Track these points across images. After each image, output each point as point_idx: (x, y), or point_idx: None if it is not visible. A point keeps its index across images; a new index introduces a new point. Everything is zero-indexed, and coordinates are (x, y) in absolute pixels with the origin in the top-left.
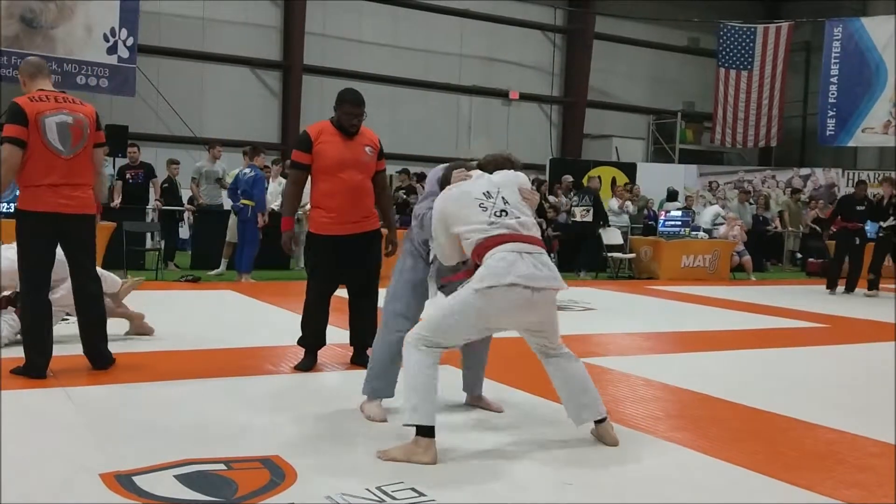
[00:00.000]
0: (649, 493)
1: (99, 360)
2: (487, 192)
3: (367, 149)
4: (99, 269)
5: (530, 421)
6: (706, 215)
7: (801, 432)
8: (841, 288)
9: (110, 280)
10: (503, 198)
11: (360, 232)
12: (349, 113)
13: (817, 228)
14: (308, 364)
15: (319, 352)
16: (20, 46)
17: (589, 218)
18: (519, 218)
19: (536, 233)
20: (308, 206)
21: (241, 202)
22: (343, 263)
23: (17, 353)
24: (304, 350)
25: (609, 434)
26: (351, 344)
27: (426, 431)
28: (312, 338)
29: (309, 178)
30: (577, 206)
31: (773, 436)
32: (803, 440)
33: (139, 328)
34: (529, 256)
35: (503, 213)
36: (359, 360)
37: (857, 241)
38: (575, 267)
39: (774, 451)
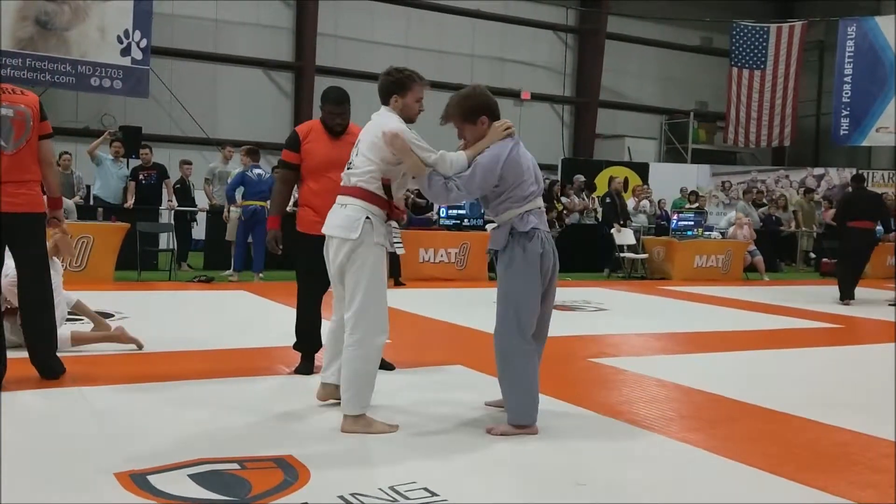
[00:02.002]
0: (663, 494)
1: (47, 371)
2: (358, 141)
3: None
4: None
5: (540, 421)
6: (723, 221)
7: (815, 433)
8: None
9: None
10: (357, 150)
11: None
12: (332, 112)
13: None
14: (306, 369)
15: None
16: (35, 48)
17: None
18: (358, 169)
19: (364, 183)
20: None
21: (254, 203)
22: None
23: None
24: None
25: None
26: None
27: None
28: (306, 341)
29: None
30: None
31: (787, 436)
32: (817, 441)
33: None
34: (339, 208)
35: (350, 167)
36: None
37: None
38: (589, 267)
39: (788, 452)
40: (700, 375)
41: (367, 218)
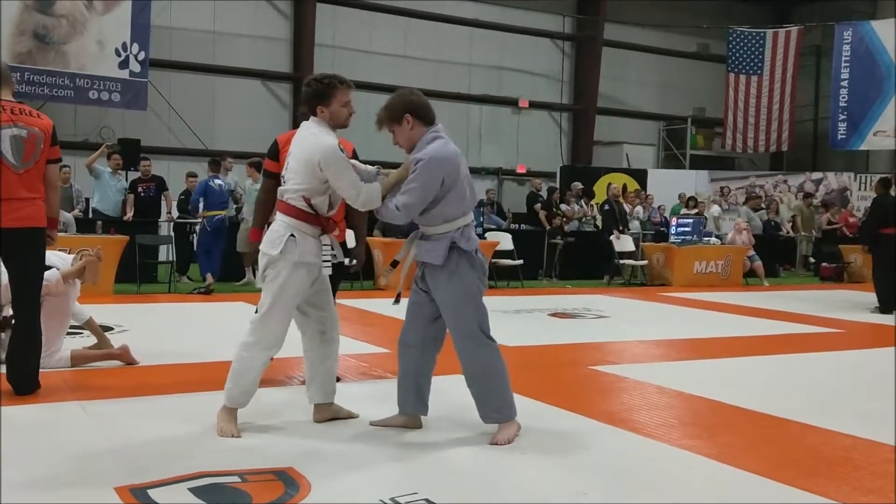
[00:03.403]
0: (665, 502)
1: (24, 385)
2: (289, 154)
3: None
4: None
5: (540, 429)
6: (710, 218)
7: (816, 438)
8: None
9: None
10: (288, 163)
11: None
12: None
13: None
14: None
15: None
16: (33, 62)
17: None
18: (288, 185)
19: (292, 199)
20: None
21: (217, 213)
22: None
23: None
24: None
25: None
26: None
27: None
28: None
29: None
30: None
31: (788, 442)
32: (818, 446)
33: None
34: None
35: (283, 179)
36: None
37: None
38: (589, 274)
39: (789, 458)
40: (701, 382)
41: (292, 235)
